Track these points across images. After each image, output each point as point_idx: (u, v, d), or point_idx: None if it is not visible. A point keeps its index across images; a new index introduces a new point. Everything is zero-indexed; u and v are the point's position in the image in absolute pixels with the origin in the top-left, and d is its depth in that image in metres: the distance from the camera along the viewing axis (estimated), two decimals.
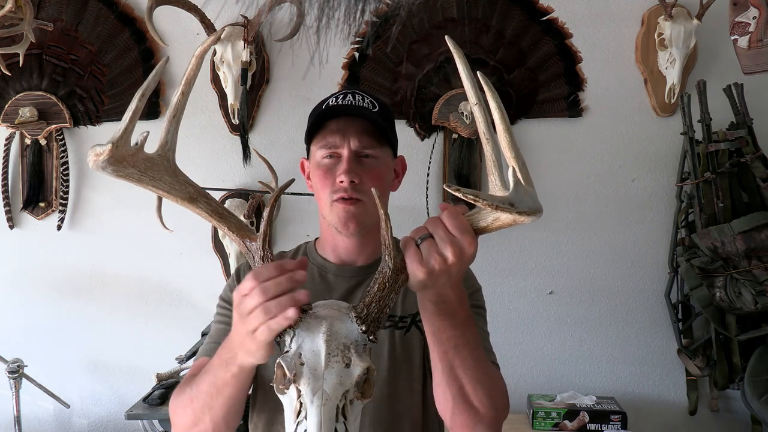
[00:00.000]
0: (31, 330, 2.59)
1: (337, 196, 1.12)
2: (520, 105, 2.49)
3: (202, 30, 2.37)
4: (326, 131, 1.14)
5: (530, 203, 0.77)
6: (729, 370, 2.34)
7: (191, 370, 1.14)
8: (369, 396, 0.81)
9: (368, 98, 1.17)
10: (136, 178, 0.82)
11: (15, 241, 2.59)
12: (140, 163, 0.82)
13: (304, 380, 0.78)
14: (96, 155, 0.78)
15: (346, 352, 0.80)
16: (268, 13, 2.11)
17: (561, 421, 2.24)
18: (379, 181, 1.15)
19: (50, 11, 2.51)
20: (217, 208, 0.89)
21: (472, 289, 1.22)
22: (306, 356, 0.79)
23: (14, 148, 2.56)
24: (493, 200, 0.74)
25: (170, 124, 0.86)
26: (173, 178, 0.85)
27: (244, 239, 0.88)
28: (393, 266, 0.83)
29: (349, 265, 1.21)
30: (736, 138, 2.29)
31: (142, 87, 0.83)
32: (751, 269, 2.21)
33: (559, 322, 2.54)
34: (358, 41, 2.45)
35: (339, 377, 0.78)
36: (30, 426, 2.54)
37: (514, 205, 0.75)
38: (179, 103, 0.86)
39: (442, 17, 2.49)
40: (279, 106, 2.54)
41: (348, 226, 1.13)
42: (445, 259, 0.82)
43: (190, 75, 0.86)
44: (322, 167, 1.15)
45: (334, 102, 1.16)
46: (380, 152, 1.16)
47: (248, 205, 2.47)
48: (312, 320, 0.82)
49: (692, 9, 2.38)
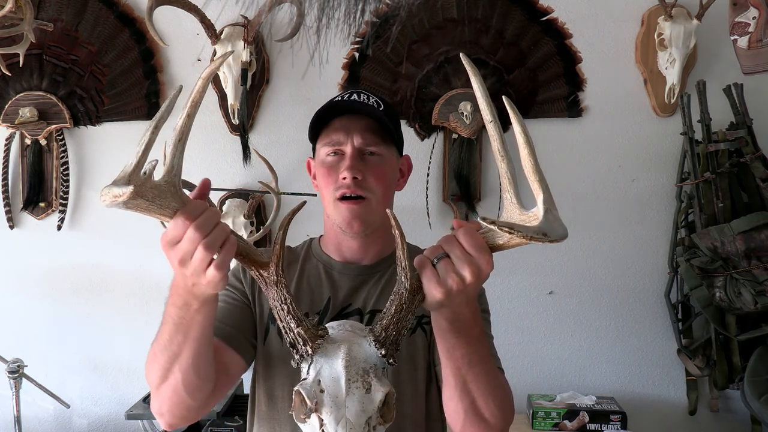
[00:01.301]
0: (31, 330, 2.59)
1: (340, 192, 1.12)
2: (520, 105, 2.49)
3: (202, 30, 2.37)
4: (330, 129, 1.15)
5: (560, 230, 0.78)
6: (729, 370, 2.34)
7: None
8: (390, 420, 0.80)
9: (373, 98, 1.17)
10: (144, 208, 0.80)
11: (15, 241, 2.59)
12: (148, 193, 0.79)
13: (326, 409, 0.76)
14: (114, 197, 0.76)
15: (366, 377, 0.78)
16: (268, 13, 2.11)
17: (561, 421, 2.24)
18: (383, 179, 1.14)
19: (50, 11, 2.51)
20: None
21: (480, 292, 1.21)
22: (326, 383, 0.77)
23: (14, 148, 2.56)
24: (527, 231, 0.75)
25: (176, 148, 0.83)
26: (181, 205, 0.83)
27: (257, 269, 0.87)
28: (410, 287, 0.82)
29: (354, 263, 1.20)
30: (735, 138, 2.29)
31: (156, 118, 0.82)
32: (750, 269, 2.21)
33: (559, 322, 2.54)
34: (358, 41, 2.45)
35: (361, 404, 0.77)
36: (30, 426, 2.54)
37: (547, 235, 0.75)
38: (185, 126, 0.84)
39: (442, 17, 2.49)
40: (279, 106, 2.54)
41: (352, 225, 1.13)
42: (463, 279, 0.81)
43: (196, 97, 0.84)
44: (326, 164, 1.15)
45: (338, 100, 1.17)
46: (384, 150, 1.15)
47: (248, 205, 2.47)
48: (329, 345, 0.80)
49: (692, 9, 2.38)
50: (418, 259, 0.83)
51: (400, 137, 1.22)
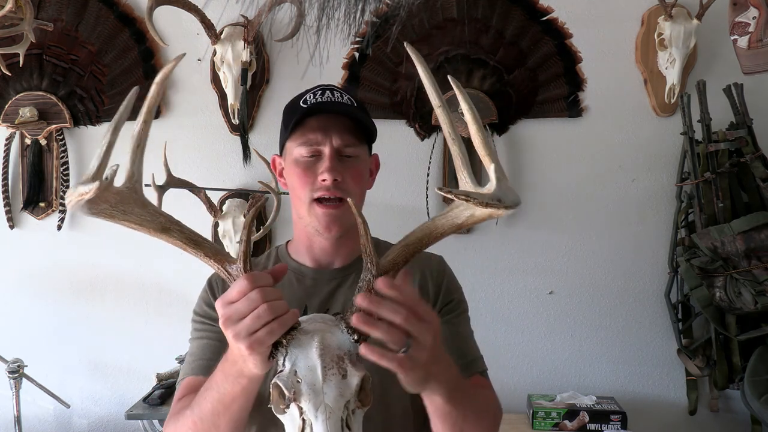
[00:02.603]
0: (31, 330, 2.59)
1: (319, 194, 1.09)
2: (520, 105, 2.49)
3: (202, 30, 2.37)
4: (306, 128, 1.11)
5: (513, 197, 0.79)
6: (729, 370, 2.34)
7: (180, 391, 1.09)
8: (368, 404, 0.81)
9: (346, 95, 1.15)
10: (108, 214, 0.79)
11: (15, 241, 2.59)
12: (111, 198, 0.79)
13: (305, 397, 0.77)
14: (80, 195, 0.75)
15: (341, 363, 0.79)
16: (268, 13, 2.11)
17: (561, 421, 2.24)
18: (360, 180, 1.13)
19: (50, 11, 2.51)
20: (190, 236, 0.86)
21: (459, 292, 1.20)
22: (302, 373, 0.78)
23: (14, 148, 2.56)
24: (483, 197, 0.76)
25: (135, 155, 0.83)
26: (143, 210, 0.82)
27: (223, 264, 0.85)
28: (376, 272, 0.82)
29: (326, 267, 1.17)
30: (736, 138, 2.29)
31: (115, 120, 0.81)
32: (751, 269, 2.21)
33: (559, 322, 2.54)
34: (358, 41, 2.45)
35: (338, 389, 0.78)
36: (30, 426, 2.54)
37: (501, 201, 0.77)
38: (142, 132, 0.83)
39: (442, 17, 2.49)
40: (279, 106, 2.52)
41: (330, 229, 1.10)
42: (428, 348, 0.80)
43: (151, 103, 0.83)
44: (301, 164, 1.11)
45: (312, 99, 1.14)
46: (360, 150, 1.14)
47: (248, 205, 2.47)
48: (302, 336, 0.81)
49: (692, 9, 2.38)
50: (378, 353, 0.78)
51: (375, 134, 1.19)
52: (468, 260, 2.44)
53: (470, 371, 1.12)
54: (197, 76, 2.55)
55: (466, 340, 1.16)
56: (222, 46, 2.40)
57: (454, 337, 1.12)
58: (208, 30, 2.36)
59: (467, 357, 1.13)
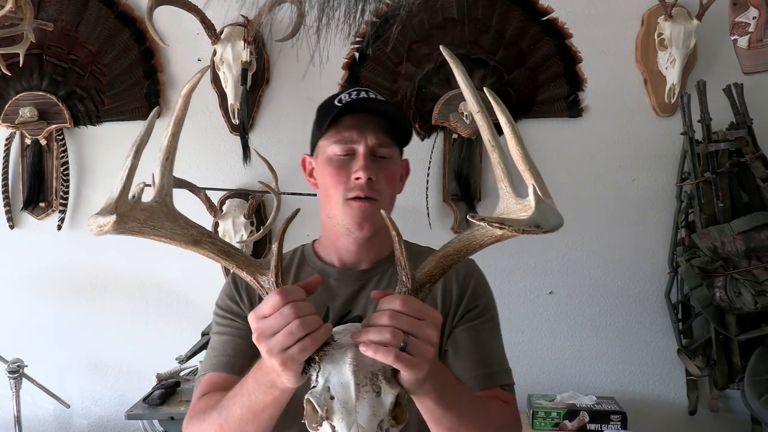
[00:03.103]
0: (31, 330, 2.59)
1: (353, 194, 1.07)
2: (520, 105, 2.49)
3: (202, 30, 2.37)
4: (341, 126, 1.10)
5: (554, 220, 0.76)
6: (729, 370, 2.34)
7: (201, 388, 1.09)
8: (403, 421, 0.79)
9: (380, 97, 1.15)
10: (137, 231, 0.79)
11: (15, 241, 2.59)
12: (139, 215, 0.79)
13: (337, 416, 0.75)
14: (99, 227, 0.75)
15: (375, 380, 0.77)
16: (268, 13, 2.11)
17: (561, 421, 2.24)
18: (392, 181, 1.12)
19: (50, 11, 2.51)
20: (222, 247, 0.85)
21: (485, 298, 1.18)
22: (335, 390, 0.77)
23: (14, 148, 2.56)
24: (519, 225, 0.73)
25: (164, 168, 0.83)
26: (174, 224, 0.82)
27: (255, 276, 0.84)
28: (411, 287, 0.81)
29: (351, 269, 1.16)
30: (736, 138, 2.29)
31: (136, 143, 0.81)
32: (751, 269, 2.21)
33: (559, 322, 2.54)
34: (358, 41, 2.45)
35: (372, 408, 0.76)
36: (30, 426, 2.54)
37: (540, 226, 0.73)
38: (170, 145, 0.83)
39: (442, 17, 2.49)
40: (279, 106, 2.54)
41: (363, 227, 1.09)
42: (433, 343, 0.80)
43: (179, 115, 0.84)
44: (335, 163, 1.10)
45: (348, 98, 1.12)
46: (393, 152, 1.13)
47: (248, 205, 2.47)
48: (335, 351, 0.79)
49: (692, 9, 2.38)
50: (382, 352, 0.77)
51: (410, 137, 1.18)
52: None
53: (491, 383, 1.09)
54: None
55: (488, 348, 1.13)
56: (222, 46, 2.40)
57: (474, 344, 1.10)
58: (208, 30, 2.36)
59: (489, 367, 1.11)
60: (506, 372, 1.13)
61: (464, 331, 1.12)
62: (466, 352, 1.09)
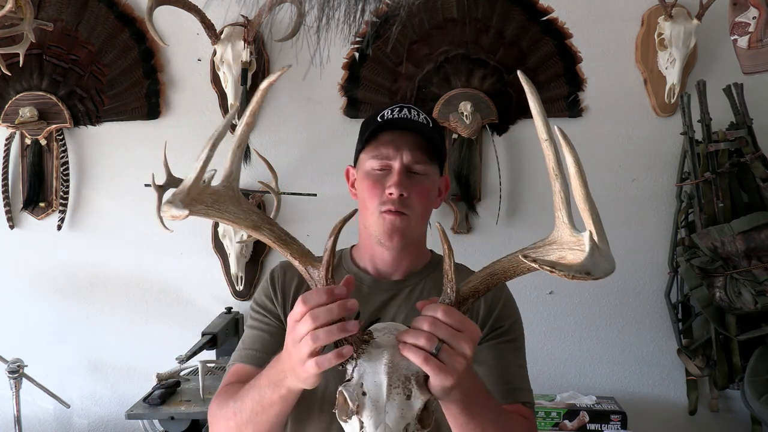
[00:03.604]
0: (31, 330, 2.59)
1: (385, 208, 1.12)
2: (520, 105, 2.49)
3: (202, 30, 2.37)
4: (379, 142, 1.15)
5: (605, 266, 0.77)
6: (729, 370, 2.34)
7: (227, 377, 1.15)
8: (428, 425, 0.82)
9: (422, 114, 1.18)
10: (203, 213, 0.83)
11: (15, 241, 2.59)
12: (206, 198, 0.83)
13: (367, 413, 0.78)
14: (172, 217, 0.79)
15: (407, 384, 0.80)
16: (268, 13, 2.11)
17: (561, 421, 2.24)
18: (425, 198, 1.16)
19: (50, 11, 2.51)
20: (280, 235, 0.88)
21: (511, 320, 1.21)
22: (368, 387, 0.80)
23: (14, 148, 2.56)
24: (569, 270, 0.74)
25: (234, 155, 0.87)
26: (238, 208, 0.86)
27: (307, 266, 0.87)
28: (454, 300, 0.83)
29: (385, 278, 1.21)
30: (736, 138, 2.29)
31: (213, 137, 0.85)
32: (751, 269, 2.21)
33: (559, 322, 2.54)
34: (358, 41, 2.45)
35: (401, 410, 0.79)
36: (30, 426, 2.54)
37: (590, 273, 0.74)
38: (243, 134, 0.87)
39: (442, 17, 2.49)
40: (279, 106, 2.54)
41: (392, 238, 1.13)
42: (466, 356, 0.82)
43: (255, 108, 0.88)
44: (372, 177, 1.15)
45: (389, 114, 1.17)
46: (430, 169, 1.17)
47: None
48: (374, 350, 0.82)
49: (692, 9, 2.38)
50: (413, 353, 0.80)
51: (445, 156, 1.23)
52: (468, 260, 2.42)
53: (511, 398, 1.13)
54: (197, 76, 2.55)
55: (510, 368, 1.16)
56: (222, 46, 2.40)
57: (497, 362, 1.14)
58: (208, 30, 2.36)
59: (511, 383, 1.14)
60: (527, 391, 1.17)
61: (487, 349, 1.15)
62: (488, 369, 1.13)
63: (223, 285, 2.55)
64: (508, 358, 1.16)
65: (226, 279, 2.54)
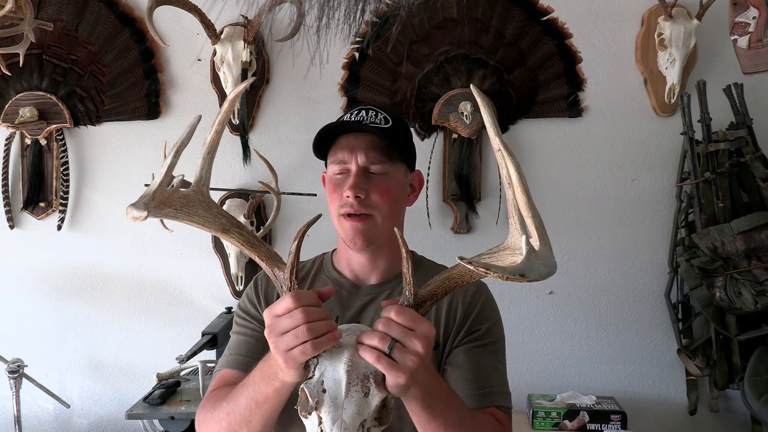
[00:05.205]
0: (31, 330, 2.59)
1: (344, 210, 1.14)
2: (520, 105, 2.49)
3: (202, 30, 2.38)
4: (337, 147, 1.17)
5: (541, 270, 0.80)
6: (729, 370, 2.34)
7: (214, 382, 1.16)
8: (386, 422, 0.85)
9: (381, 114, 1.18)
10: (173, 216, 0.86)
11: (15, 241, 2.59)
12: (176, 202, 0.86)
13: (325, 408, 0.82)
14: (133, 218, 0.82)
15: (365, 382, 0.83)
16: (268, 13, 2.11)
17: (561, 421, 2.24)
18: (388, 196, 1.16)
19: (50, 11, 2.51)
20: (248, 238, 0.92)
21: (489, 323, 1.20)
22: (328, 384, 0.83)
23: (14, 148, 2.56)
24: (503, 272, 0.76)
25: (204, 161, 0.91)
26: (207, 211, 0.89)
27: (273, 268, 0.91)
28: (413, 302, 0.87)
29: (362, 283, 1.22)
30: (735, 138, 2.29)
31: (177, 144, 0.89)
32: (751, 269, 2.21)
33: (559, 322, 2.54)
34: (358, 41, 2.45)
35: (358, 407, 0.82)
36: (30, 426, 2.54)
37: (524, 275, 0.78)
38: (213, 141, 0.91)
39: (442, 17, 2.49)
40: (279, 106, 2.54)
41: (355, 241, 1.14)
42: (418, 354, 0.84)
43: (223, 117, 0.92)
44: (332, 182, 1.17)
45: (347, 118, 1.18)
46: (390, 167, 1.17)
47: (248, 205, 2.47)
48: (335, 349, 0.86)
49: (692, 9, 2.38)
50: (368, 352, 0.84)
51: (411, 153, 1.24)
52: None
53: (486, 402, 1.11)
54: (197, 76, 2.55)
55: (487, 370, 1.15)
56: (222, 46, 2.40)
57: (472, 365, 1.13)
58: (208, 30, 2.36)
59: (486, 387, 1.13)
60: (503, 395, 1.15)
61: (463, 352, 1.15)
62: (464, 372, 1.13)
63: (223, 285, 2.55)
64: (484, 361, 1.15)
65: (226, 279, 2.55)
